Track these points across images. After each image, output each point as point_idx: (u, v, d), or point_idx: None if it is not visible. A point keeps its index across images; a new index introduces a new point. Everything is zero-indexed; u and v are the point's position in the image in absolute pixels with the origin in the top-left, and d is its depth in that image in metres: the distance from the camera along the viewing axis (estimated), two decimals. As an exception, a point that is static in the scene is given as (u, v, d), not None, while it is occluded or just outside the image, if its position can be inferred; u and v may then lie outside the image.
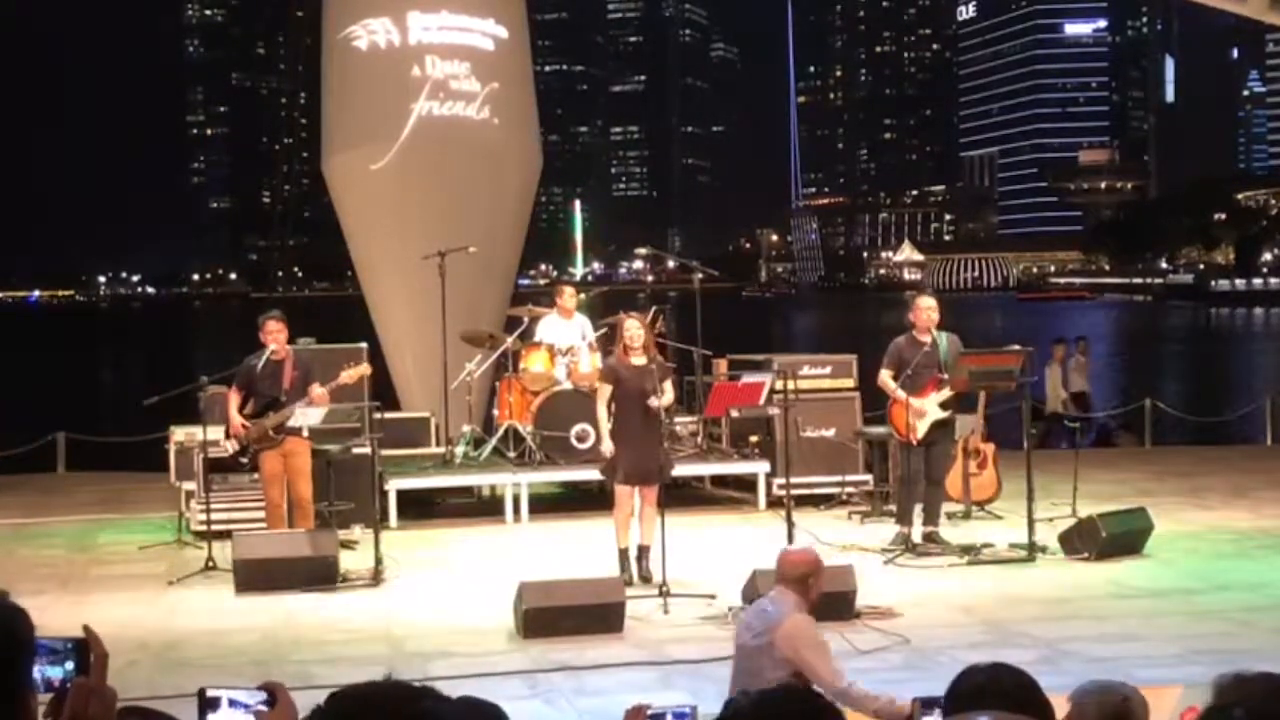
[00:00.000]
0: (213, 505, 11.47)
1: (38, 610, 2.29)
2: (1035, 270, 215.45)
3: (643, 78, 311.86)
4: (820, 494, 13.06)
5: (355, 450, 11.44)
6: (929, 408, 10.96)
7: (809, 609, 5.76)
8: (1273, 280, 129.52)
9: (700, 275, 14.67)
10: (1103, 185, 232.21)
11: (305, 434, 10.78)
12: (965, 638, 8.34)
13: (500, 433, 12.97)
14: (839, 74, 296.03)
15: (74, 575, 10.73)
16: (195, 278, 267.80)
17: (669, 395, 10.12)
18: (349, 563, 10.32)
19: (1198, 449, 18.94)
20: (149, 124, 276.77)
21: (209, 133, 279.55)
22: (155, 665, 7.98)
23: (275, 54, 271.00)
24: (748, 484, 13.43)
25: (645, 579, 9.88)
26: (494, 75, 15.61)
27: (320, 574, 9.86)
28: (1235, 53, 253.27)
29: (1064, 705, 3.72)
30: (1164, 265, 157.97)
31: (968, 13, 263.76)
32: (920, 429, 10.94)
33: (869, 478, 13.21)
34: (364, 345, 12.80)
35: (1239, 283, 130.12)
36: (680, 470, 11.67)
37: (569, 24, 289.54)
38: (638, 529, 10.09)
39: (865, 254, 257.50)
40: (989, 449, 12.72)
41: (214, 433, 11.09)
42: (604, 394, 10.07)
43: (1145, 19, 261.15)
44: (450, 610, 9.36)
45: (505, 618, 8.79)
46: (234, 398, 10.83)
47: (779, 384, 10.37)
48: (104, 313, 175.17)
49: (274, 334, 10.79)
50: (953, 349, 11.09)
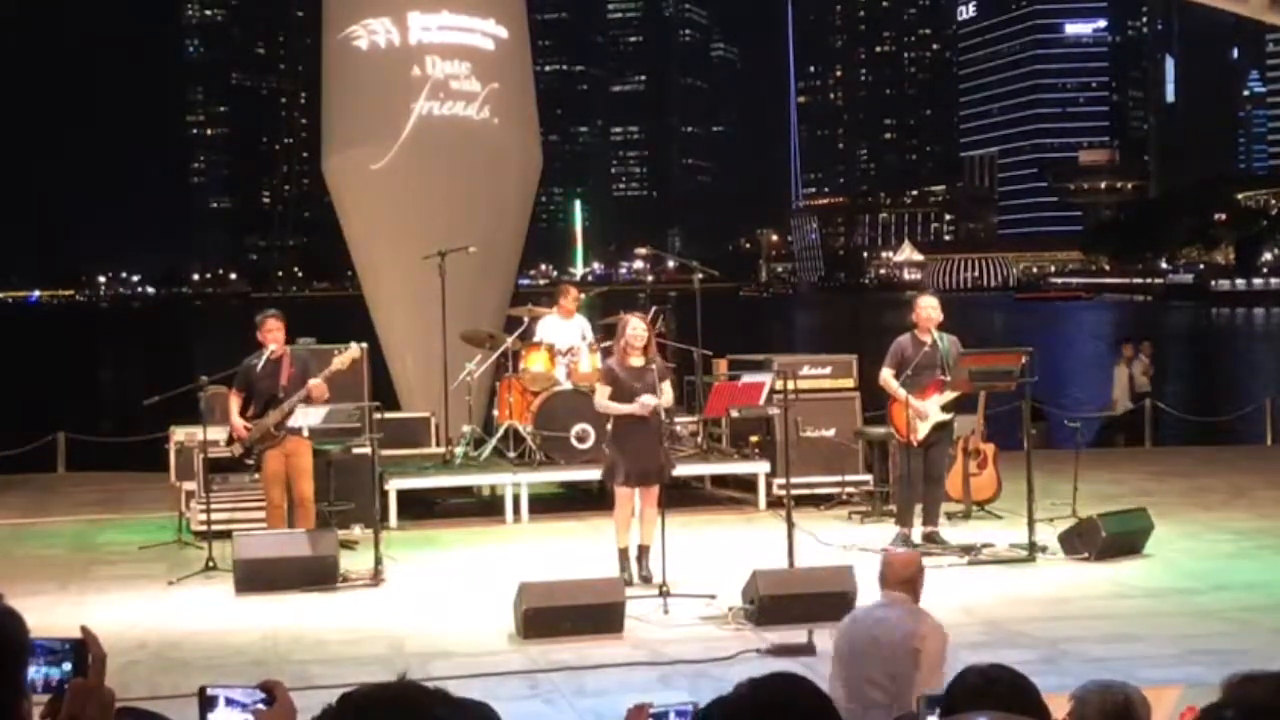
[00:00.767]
0: (213, 505, 11.48)
1: (37, 610, 2.29)
2: (1035, 270, 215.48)
3: (643, 78, 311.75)
4: (820, 494, 13.06)
5: (355, 450, 11.45)
6: (930, 410, 10.96)
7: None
8: (1273, 280, 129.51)
9: (700, 275, 14.66)
10: (1103, 185, 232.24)
11: (306, 434, 10.78)
12: (965, 638, 8.33)
13: (500, 433, 12.97)
14: (839, 74, 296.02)
15: (74, 575, 10.72)
16: (195, 278, 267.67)
17: (668, 395, 10.11)
18: (349, 563, 10.32)
19: (1198, 449, 18.94)
20: (149, 124, 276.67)
21: (209, 133, 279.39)
22: (155, 665, 7.98)
23: (275, 54, 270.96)
24: (748, 484, 13.43)
25: (645, 579, 9.88)
26: (494, 75, 15.61)
27: (320, 574, 9.86)
28: (1235, 53, 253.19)
29: (1064, 705, 3.72)
30: (1164, 265, 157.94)
31: (968, 13, 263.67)
32: (921, 430, 10.94)
33: (869, 478, 13.21)
34: (364, 345, 12.79)
35: (1239, 283, 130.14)
36: (680, 470, 11.66)
37: (569, 24, 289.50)
38: (638, 529, 10.09)
39: (865, 254, 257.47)
40: (989, 449, 12.72)
41: (214, 433, 11.10)
42: (603, 393, 10.06)
43: (1145, 19, 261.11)
44: (450, 610, 9.36)
45: (505, 618, 8.78)
46: (235, 400, 10.82)
47: (779, 384, 10.36)
48: (104, 313, 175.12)
49: (272, 332, 10.79)
50: (953, 351, 11.09)
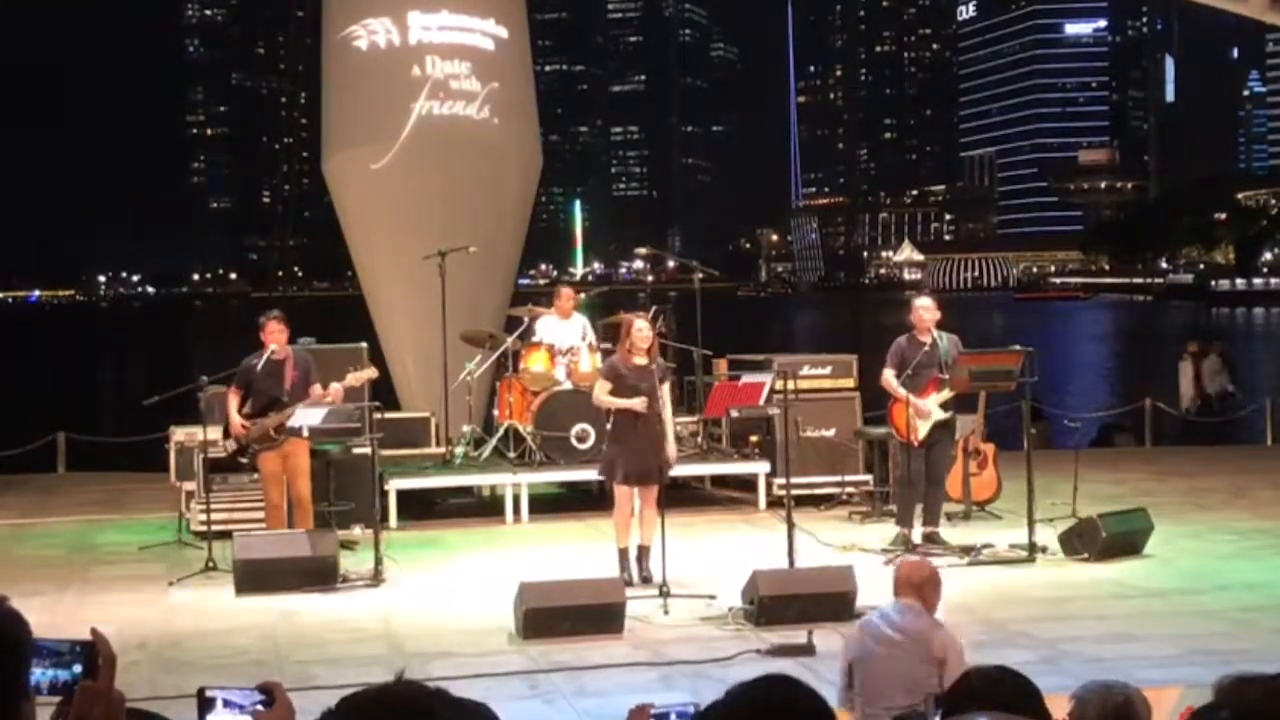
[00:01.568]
0: (213, 505, 11.47)
1: (38, 611, 2.28)
2: (1035, 270, 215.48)
3: (643, 78, 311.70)
4: (820, 494, 13.06)
5: (355, 450, 11.45)
6: (930, 408, 10.96)
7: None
8: (1273, 280, 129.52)
9: (700, 275, 14.66)
10: (1103, 185, 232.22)
11: (305, 434, 10.78)
12: (965, 638, 8.29)
13: (500, 433, 12.97)
14: (839, 74, 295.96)
15: (74, 575, 10.72)
16: (195, 278, 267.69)
17: (666, 401, 10.12)
18: (349, 563, 10.33)
19: (1198, 449, 18.93)
20: (149, 124, 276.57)
21: (209, 133, 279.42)
22: (155, 665, 7.98)
23: (275, 54, 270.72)
24: (748, 484, 13.43)
25: (645, 579, 9.87)
26: (494, 75, 15.62)
27: (320, 574, 9.86)
28: (1235, 53, 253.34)
29: (1065, 705, 3.72)
30: (1164, 265, 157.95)
31: (968, 13, 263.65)
32: (921, 429, 10.94)
33: (869, 478, 13.21)
34: (364, 345, 12.81)
35: (1239, 282, 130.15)
36: (680, 470, 11.67)
37: (569, 24, 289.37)
38: (637, 529, 10.09)
39: (865, 254, 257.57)
40: (989, 449, 12.72)
41: (214, 433, 11.09)
42: (602, 388, 10.05)
43: (1145, 19, 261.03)
44: (450, 610, 9.36)
45: (505, 618, 8.78)
46: (233, 398, 10.83)
47: (779, 384, 10.36)
48: (104, 313, 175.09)
49: (275, 334, 10.79)
50: (953, 349, 11.09)
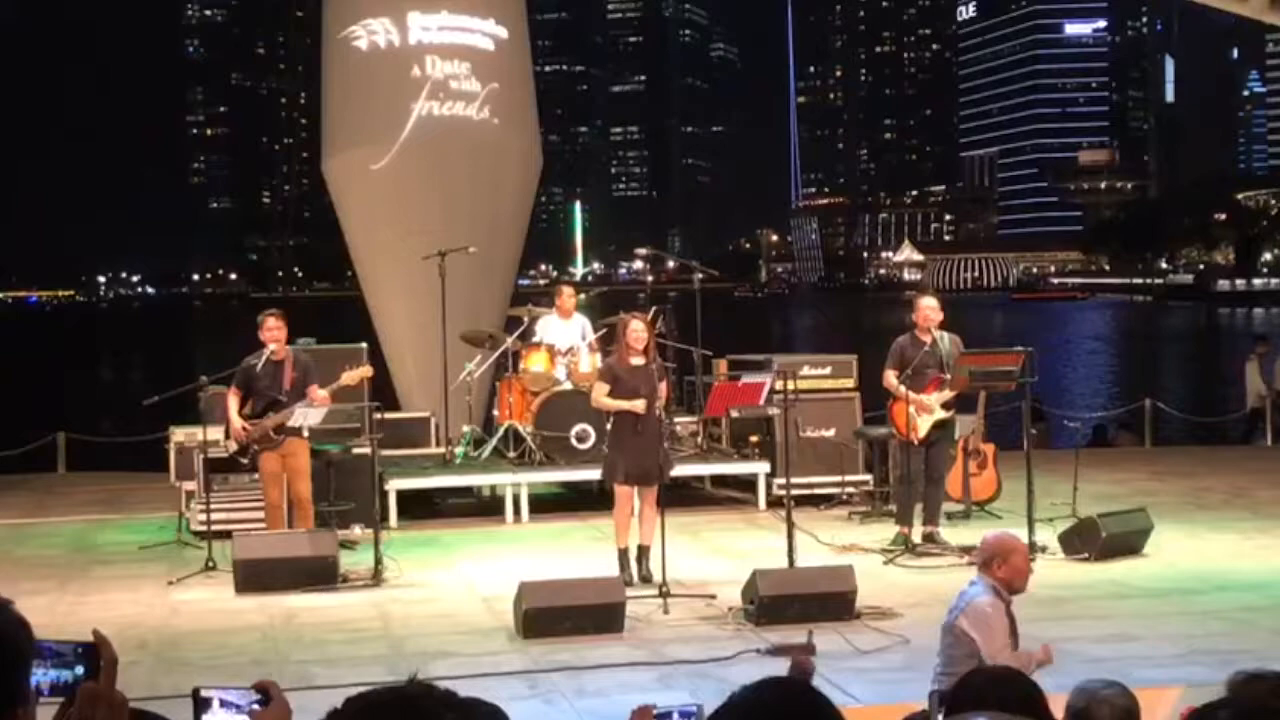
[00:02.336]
0: (213, 505, 11.47)
1: (37, 610, 2.28)
2: (1035, 270, 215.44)
3: (643, 78, 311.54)
4: (820, 494, 13.06)
5: (355, 450, 11.45)
6: (932, 404, 10.97)
7: (1004, 589, 5.99)
8: (1273, 280, 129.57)
9: (700, 275, 14.66)
10: (1103, 185, 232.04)
11: (305, 434, 10.79)
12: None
13: (500, 433, 12.97)
14: (839, 74, 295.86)
15: (74, 575, 10.73)
16: (195, 278, 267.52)
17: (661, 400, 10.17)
18: (349, 563, 10.33)
19: (1198, 449, 18.95)
20: (149, 124, 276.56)
21: (209, 133, 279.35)
22: (155, 665, 7.98)
23: (275, 54, 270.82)
24: (748, 484, 13.43)
25: (645, 579, 9.88)
26: (494, 75, 15.62)
27: (320, 574, 9.86)
28: (1235, 53, 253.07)
29: (1064, 705, 3.72)
30: (1164, 265, 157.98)
31: (968, 13, 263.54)
32: (922, 428, 10.94)
33: (869, 478, 13.21)
34: (364, 345, 12.81)
35: (1239, 282, 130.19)
36: (680, 470, 11.67)
37: (569, 24, 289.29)
38: (637, 529, 10.10)
39: (865, 254, 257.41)
40: (989, 449, 12.72)
41: (214, 433, 11.10)
42: (600, 390, 10.07)
43: (1145, 19, 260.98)
44: (450, 610, 9.36)
45: (505, 618, 8.79)
46: (233, 399, 10.82)
47: (779, 384, 10.37)
48: (104, 313, 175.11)
49: (273, 332, 10.78)
50: (954, 349, 11.10)
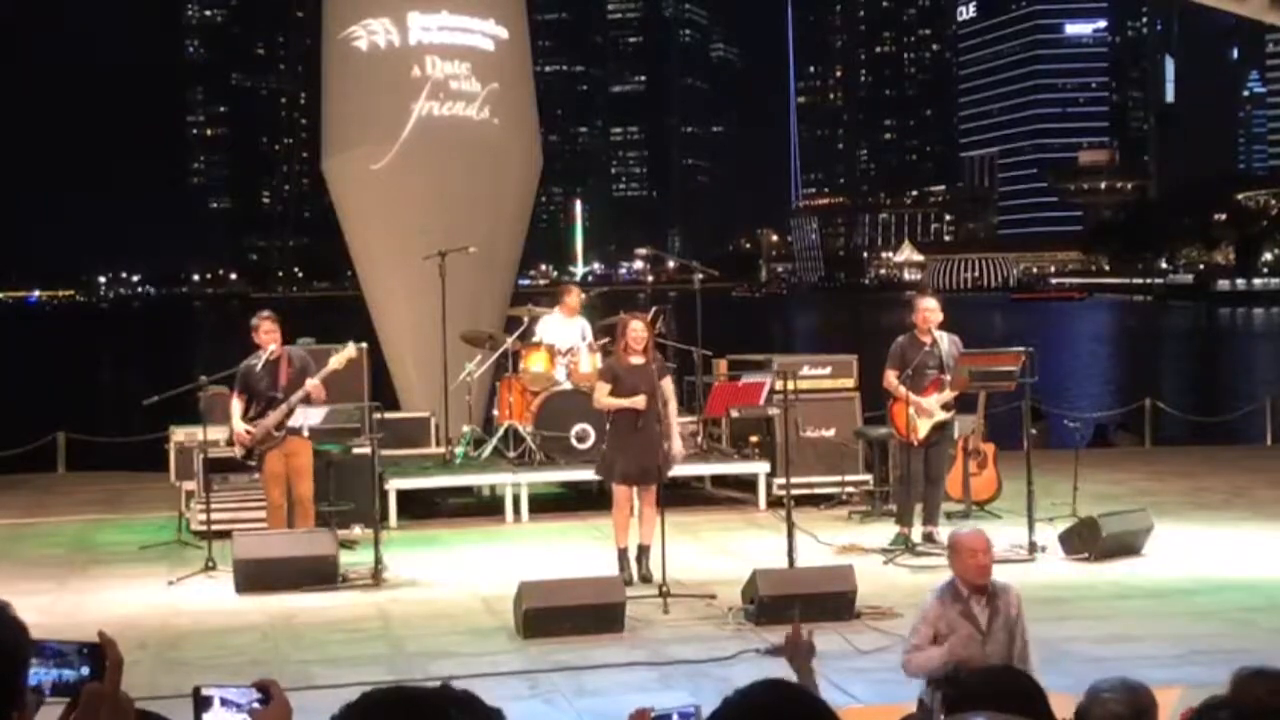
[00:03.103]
0: (213, 505, 11.47)
1: (38, 611, 2.28)
2: (1035, 270, 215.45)
3: (643, 78, 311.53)
4: (820, 494, 13.06)
5: (355, 450, 11.45)
6: (932, 407, 10.97)
7: (963, 584, 6.17)
8: (1273, 280, 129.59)
9: (700, 275, 14.66)
10: (1103, 185, 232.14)
11: (305, 434, 10.79)
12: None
13: (500, 433, 12.97)
14: (839, 74, 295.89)
15: (74, 575, 10.72)
16: (195, 278, 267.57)
17: (670, 397, 10.17)
18: (349, 562, 10.32)
19: (1198, 449, 18.94)
20: (149, 124, 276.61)
21: (209, 133, 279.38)
22: (155, 665, 7.98)
23: (275, 54, 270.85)
24: (748, 484, 13.43)
25: (645, 579, 9.88)
26: (494, 75, 15.61)
27: (320, 574, 9.86)
28: (1235, 53, 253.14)
29: (1063, 704, 3.72)
30: (1164, 265, 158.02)
31: (968, 13, 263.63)
32: (922, 429, 10.94)
33: (869, 478, 13.21)
34: (363, 345, 12.79)
35: (1239, 282, 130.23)
36: (680, 470, 11.67)
37: (569, 24, 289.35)
38: (637, 529, 10.10)
39: (865, 254, 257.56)
40: (989, 449, 12.72)
41: (214, 433, 11.10)
42: (602, 390, 10.08)
43: (1145, 19, 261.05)
44: (450, 610, 9.36)
45: (505, 618, 8.79)
46: (236, 404, 10.81)
47: (779, 384, 10.37)
48: (104, 313, 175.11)
49: (269, 334, 10.78)
50: (953, 349, 11.10)
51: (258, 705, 2.17)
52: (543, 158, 16.82)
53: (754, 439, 13.34)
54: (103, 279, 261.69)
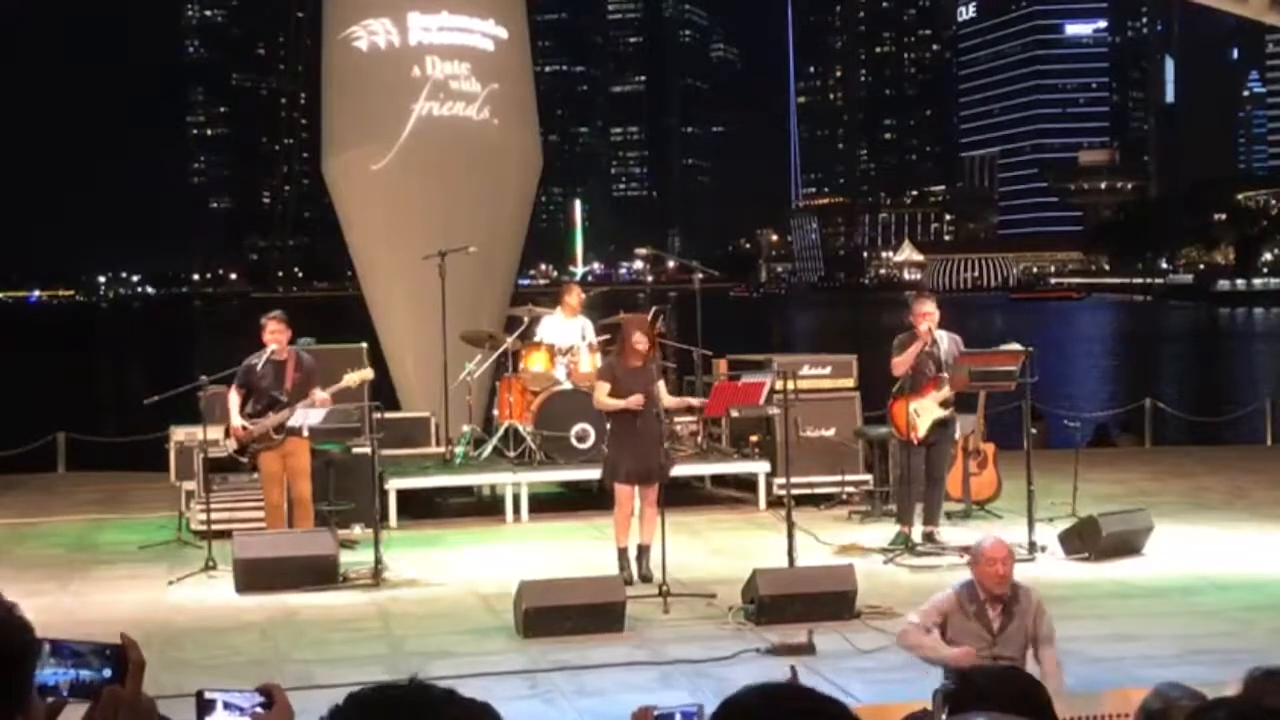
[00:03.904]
0: (213, 505, 11.47)
1: (38, 610, 2.28)
2: (1035, 270, 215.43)
3: (643, 78, 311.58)
4: (820, 494, 13.06)
5: (355, 450, 11.45)
6: (931, 406, 10.98)
7: (982, 589, 6.27)
8: (1273, 280, 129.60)
9: (700, 275, 14.66)
10: (1103, 185, 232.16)
11: (305, 434, 10.80)
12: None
13: (500, 433, 12.97)
14: (839, 74, 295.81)
15: (74, 575, 10.73)
16: (195, 278, 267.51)
17: (666, 397, 10.20)
18: (349, 562, 10.33)
19: (1198, 449, 18.94)
20: (149, 124, 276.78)
21: (209, 133, 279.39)
22: (155, 665, 7.93)
23: (275, 54, 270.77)
24: (748, 484, 13.43)
25: (645, 579, 9.88)
26: (494, 76, 15.62)
27: (320, 574, 9.87)
28: (1235, 53, 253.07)
29: (1063, 704, 3.72)
30: (1164, 265, 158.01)
31: (968, 13, 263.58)
32: (921, 428, 10.94)
33: (869, 478, 13.21)
34: (364, 345, 12.81)
35: (1239, 282, 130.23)
36: (680, 470, 11.67)
37: (569, 24, 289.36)
38: (637, 529, 10.10)
39: (865, 254, 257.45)
40: (989, 449, 12.72)
41: (214, 433, 11.10)
42: (601, 390, 10.09)
43: (1145, 19, 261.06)
44: (450, 610, 9.36)
45: (505, 618, 8.79)
46: (234, 398, 10.84)
47: (779, 384, 10.37)
48: (104, 313, 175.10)
49: (275, 334, 10.81)
50: (953, 349, 11.10)
51: (260, 709, 2.17)
52: (543, 158, 16.82)
53: (754, 439, 13.34)
54: (103, 279, 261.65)
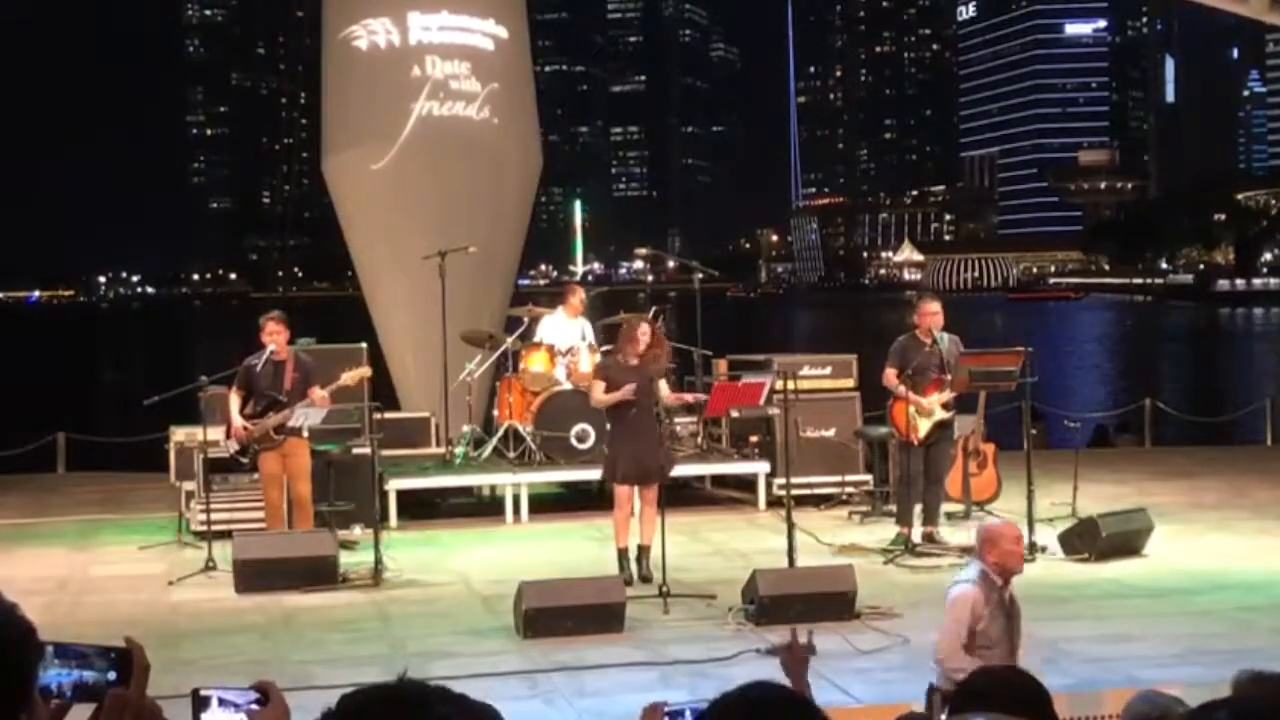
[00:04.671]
0: (213, 505, 11.47)
1: (38, 610, 2.27)
2: (1035, 270, 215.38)
3: (643, 78, 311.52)
4: (820, 494, 13.06)
5: (355, 450, 11.45)
6: (932, 406, 10.98)
7: (996, 573, 6.16)
8: (1273, 280, 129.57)
9: (700, 275, 14.66)
10: (1103, 185, 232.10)
11: (305, 434, 10.80)
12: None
13: (500, 433, 12.97)
14: (839, 74, 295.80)
15: (74, 575, 10.73)
16: (195, 278, 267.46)
17: (665, 392, 10.21)
18: (349, 563, 10.32)
19: (1198, 449, 18.94)
20: (149, 124, 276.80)
21: (209, 133, 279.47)
22: (155, 665, 7.93)
23: (275, 54, 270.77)
24: (748, 484, 13.43)
25: (645, 579, 9.88)
26: (494, 75, 15.61)
27: (320, 574, 9.87)
28: (1235, 53, 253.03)
29: (1063, 704, 3.72)
30: (1164, 265, 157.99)
31: (968, 13, 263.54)
32: (922, 428, 10.95)
33: (869, 478, 13.20)
34: (364, 345, 12.80)
35: (1239, 282, 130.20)
36: (680, 470, 11.67)
37: (569, 24, 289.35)
38: (638, 529, 10.10)
39: (865, 254, 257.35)
40: (989, 449, 12.71)
41: (214, 433, 11.10)
42: (598, 388, 10.09)
43: (1145, 19, 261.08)
44: (450, 610, 9.36)
45: (505, 618, 8.79)
46: (234, 399, 10.84)
47: (779, 384, 10.37)
48: (104, 313, 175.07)
49: (274, 334, 10.81)
50: (953, 349, 11.10)
51: (255, 706, 2.17)
52: (543, 158, 16.81)
53: (754, 439, 13.33)
54: (103, 279, 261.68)
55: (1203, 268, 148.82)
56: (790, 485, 10.21)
